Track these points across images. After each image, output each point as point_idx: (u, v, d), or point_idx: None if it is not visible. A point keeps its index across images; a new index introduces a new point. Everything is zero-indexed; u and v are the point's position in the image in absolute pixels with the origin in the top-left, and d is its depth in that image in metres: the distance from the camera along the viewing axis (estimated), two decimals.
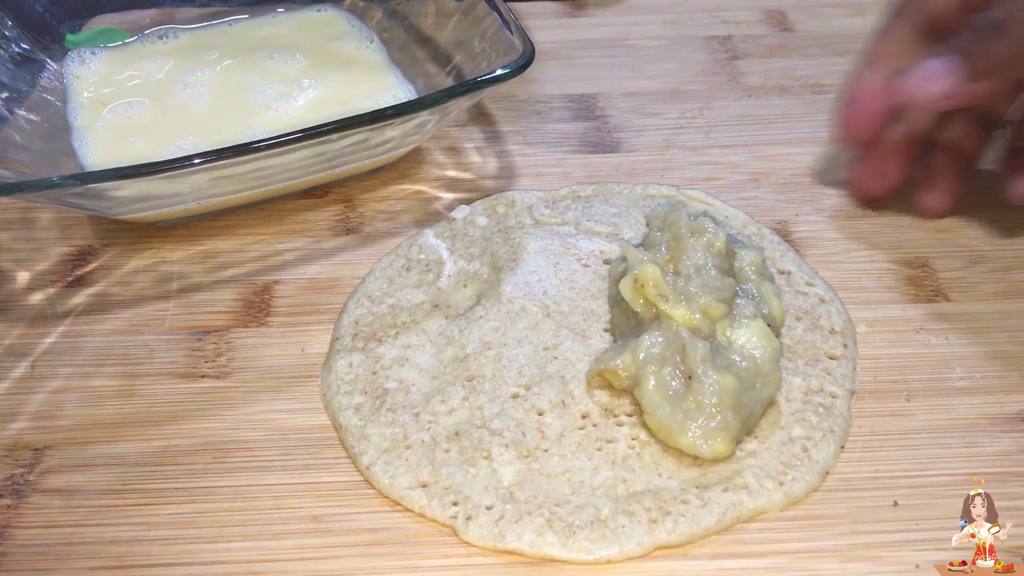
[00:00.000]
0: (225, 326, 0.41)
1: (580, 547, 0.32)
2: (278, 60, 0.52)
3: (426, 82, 0.51)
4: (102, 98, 0.50)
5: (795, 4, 0.61)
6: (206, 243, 0.45)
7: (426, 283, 0.42)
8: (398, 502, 0.34)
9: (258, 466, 0.36)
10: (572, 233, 0.44)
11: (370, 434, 0.36)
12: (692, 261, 0.36)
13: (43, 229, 0.46)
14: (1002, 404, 0.37)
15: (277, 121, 0.48)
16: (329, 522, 0.34)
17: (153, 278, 0.44)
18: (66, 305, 0.42)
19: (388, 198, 0.48)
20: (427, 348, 0.39)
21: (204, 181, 0.41)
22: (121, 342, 0.41)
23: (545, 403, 0.36)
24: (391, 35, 0.54)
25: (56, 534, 0.34)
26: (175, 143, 0.47)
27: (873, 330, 0.40)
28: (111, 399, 0.38)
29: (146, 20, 0.55)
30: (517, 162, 0.50)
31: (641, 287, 0.35)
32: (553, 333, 0.39)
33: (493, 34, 0.46)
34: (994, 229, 0.45)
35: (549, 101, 0.54)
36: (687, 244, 0.36)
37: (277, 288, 0.43)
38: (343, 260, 0.45)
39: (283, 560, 0.33)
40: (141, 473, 0.36)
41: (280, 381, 0.39)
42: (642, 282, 0.35)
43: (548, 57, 0.57)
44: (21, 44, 0.51)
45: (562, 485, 0.34)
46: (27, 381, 0.39)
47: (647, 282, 0.35)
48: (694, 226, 0.37)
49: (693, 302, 0.35)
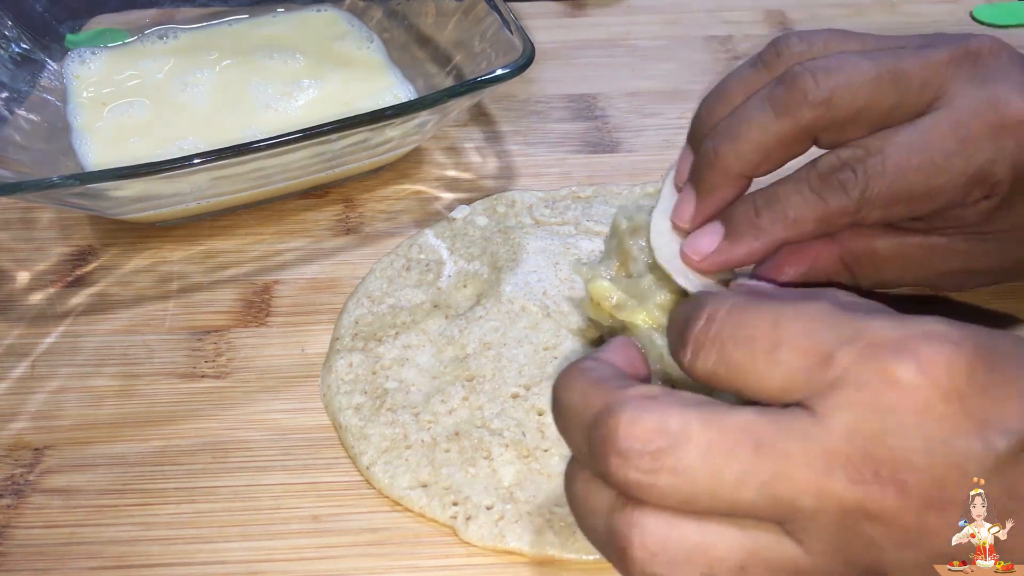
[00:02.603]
0: (225, 326, 0.41)
1: (580, 547, 0.32)
2: (278, 60, 0.52)
3: (426, 82, 0.51)
4: (102, 98, 0.50)
5: (795, 4, 0.61)
6: (206, 243, 0.45)
7: (426, 283, 0.42)
8: (398, 502, 0.34)
9: (258, 466, 0.36)
10: (572, 233, 0.44)
11: (370, 434, 0.36)
12: (638, 261, 0.36)
13: (43, 229, 0.46)
14: None
15: (277, 121, 0.48)
16: (329, 522, 0.34)
17: (153, 278, 0.44)
18: (66, 305, 0.42)
19: (388, 198, 0.48)
20: (427, 348, 0.39)
21: (204, 181, 0.41)
22: (121, 342, 0.41)
23: (545, 403, 0.36)
24: (391, 35, 0.54)
25: (56, 534, 0.34)
26: (175, 143, 0.47)
27: None
28: (111, 399, 0.38)
29: (146, 20, 0.55)
30: (517, 162, 0.50)
31: (598, 304, 0.35)
32: (553, 333, 0.39)
33: (493, 34, 0.46)
34: None
35: (549, 101, 0.54)
36: (628, 245, 0.36)
37: (277, 288, 0.43)
38: (343, 260, 0.45)
39: (283, 560, 0.33)
40: (141, 473, 0.36)
41: (280, 381, 0.39)
42: (596, 300, 0.35)
43: (548, 57, 0.57)
44: (21, 44, 0.51)
45: (562, 485, 0.34)
46: (27, 381, 0.39)
47: (600, 299, 0.35)
48: (632, 225, 0.36)
49: (649, 301, 0.34)
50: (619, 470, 0.23)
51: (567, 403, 0.26)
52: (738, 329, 0.25)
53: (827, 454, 0.23)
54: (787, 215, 0.32)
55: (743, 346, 0.25)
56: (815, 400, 0.23)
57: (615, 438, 0.24)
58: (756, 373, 0.24)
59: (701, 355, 0.25)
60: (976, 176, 0.31)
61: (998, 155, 0.31)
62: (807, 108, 0.31)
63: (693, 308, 0.26)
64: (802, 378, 0.24)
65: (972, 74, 0.32)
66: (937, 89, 0.31)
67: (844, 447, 0.23)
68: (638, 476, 0.23)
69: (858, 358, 0.23)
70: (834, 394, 0.23)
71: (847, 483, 0.23)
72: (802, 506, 0.23)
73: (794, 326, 0.24)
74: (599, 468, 0.24)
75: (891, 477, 0.22)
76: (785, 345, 0.24)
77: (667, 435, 0.23)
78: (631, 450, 0.23)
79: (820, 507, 0.23)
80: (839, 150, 0.32)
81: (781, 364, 0.24)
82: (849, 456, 0.23)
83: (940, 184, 0.31)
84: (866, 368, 0.23)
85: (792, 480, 0.23)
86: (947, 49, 0.32)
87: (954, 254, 0.35)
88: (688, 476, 0.23)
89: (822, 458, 0.23)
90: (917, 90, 0.31)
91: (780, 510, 0.23)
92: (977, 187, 0.32)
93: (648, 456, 0.23)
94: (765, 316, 0.25)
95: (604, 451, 0.24)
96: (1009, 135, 0.31)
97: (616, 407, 0.24)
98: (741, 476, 0.23)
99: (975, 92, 0.31)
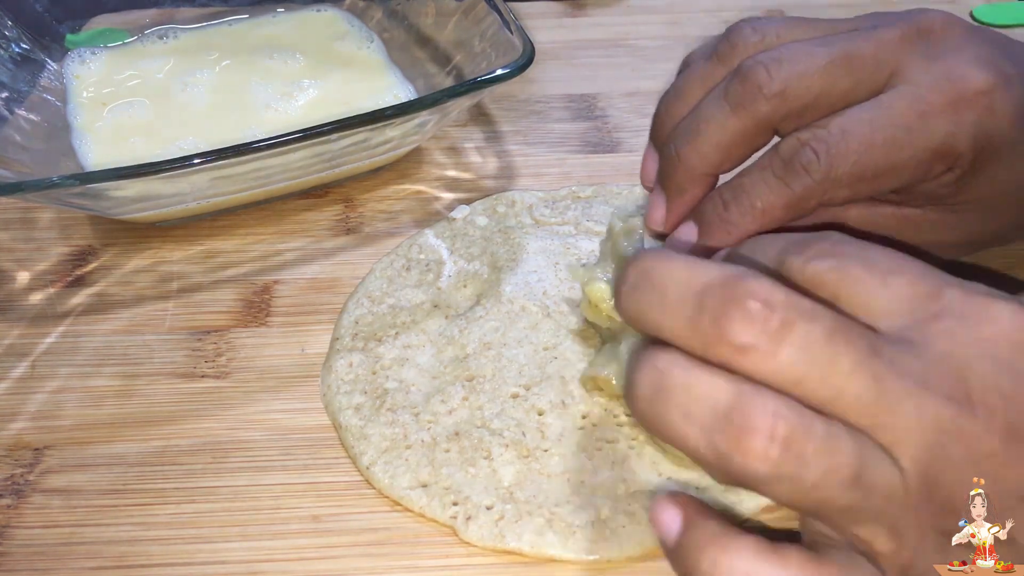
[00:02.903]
0: (225, 326, 0.41)
1: (580, 547, 0.32)
2: (278, 60, 0.52)
3: (426, 82, 0.51)
4: (102, 98, 0.50)
5: (795, 4, 0.61)
6: (206, 243, 0.45)
7: (426, 283, 0.42)
8: (398, 502, 0.34)
9: (258, 466, 0.36)
10: (572, 233, 0.44)
11: (370, 434, 0.36)
12: None
13: (43, 229, 0.46)
14: None
15: (277, 121, 0.48)
16: (329, 522, 0.34)
17: (153, 278, 0.44)
18: (66, 305, 0.42)
19: (388, 198, 0.48)
20: (427, 348, 0.39)
21: (204, 181, 0.41)
22: (121, 342, 0.41)
23: (545, 403, 0.36)
24: (391, 35, 0.54)
25: (56, 534, 0.34)
26: (175, 143, 0.47)
27: None
28: (111, 399, 0.38)
29: (146, 20, 0.55)
30: (517, 162, 0.50)
31: (595, 306, 0.35)
32: (553, 333, 0.39)
33: (493, 34, 0.46)
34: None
35: (549, 101, 0.54)
36: (623, 247, 0.36)
37: (277, 288, 0.43)
38: (343, 260, 0.45)
39: (283, 560, 0.33)
40: (141, 473, 0.36)
41: (280, 381, 0.39)
42: (595, 303, 0.35)
43: (548, 57, 0.57)
44: (21, 44, 0.51)
45: (562, 485, 0.34)
46: (27, 381, 0.39)
47: (598, 301, 0.35)
48: (627, 227, 0.36)
49: None
50: (745, 331, 0.23)
51: (667, 274, 0.24)
52: (862, 250, 0.26)
53: (927, 372, 0.23)
54: (755, 206, 0.32)
55: (864, 264, 0.25)
56: (918, 327, 0.24)
57: (743, 299, 0.23)
58: (868, 287, 0.25)
59: (819, 259, 0.25)
60: (938, 150, 0.31)
61: (958, 128, 0.31)
62: (763, 101, 0.31)
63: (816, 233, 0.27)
64: (908, 305, 0.25)
65: (926, 50, 0.32)
66: (892, 68, 0.32)
67: (942, 368, 0.24)
68: (765, 341, 0.23)
69: (963, 296, 0.25)
70: (937, 323, 0.24)
71: (943, 399, 0.23)
72: (903, 412, 0.23)
73: (911, 264, 0.26)
74: (716, 331, 0.23)
75: (981, 400, 0.23)
76: (901, 274, 0.25)
77: (797, 309, 0.23)
78: (759, 312, 0.23)
79: (918, 420, 0.23)
80: (799, 132, 0.32)
81: (892, 287, 0.25)
82: (946, 376, 0.23)
83: (903, 159, 0.31)
84: (970, 303, 0.24)
85: (894, 392, 0.23)
86: (898, 27, 0.32)
87: (926, 225, 0.35)
88: (809, 355, 0.23)
89: (922, 375, 0.23)
90: (872, 71, 0.32)
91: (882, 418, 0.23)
92: (939, 160, 0.32)
93: (777, 321, 0.23)
94: (885, 251, 0.26)
95: (726, 311, 0.23)
96: (967, 108, 0.31)
97: (743, 274, 0.24)
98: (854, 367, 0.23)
99: (931, 67, 0.31)
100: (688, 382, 0.24)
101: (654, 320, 0.25)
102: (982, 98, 0.31)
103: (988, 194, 0.33)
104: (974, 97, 0.31)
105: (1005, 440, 0.23)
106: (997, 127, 0.31)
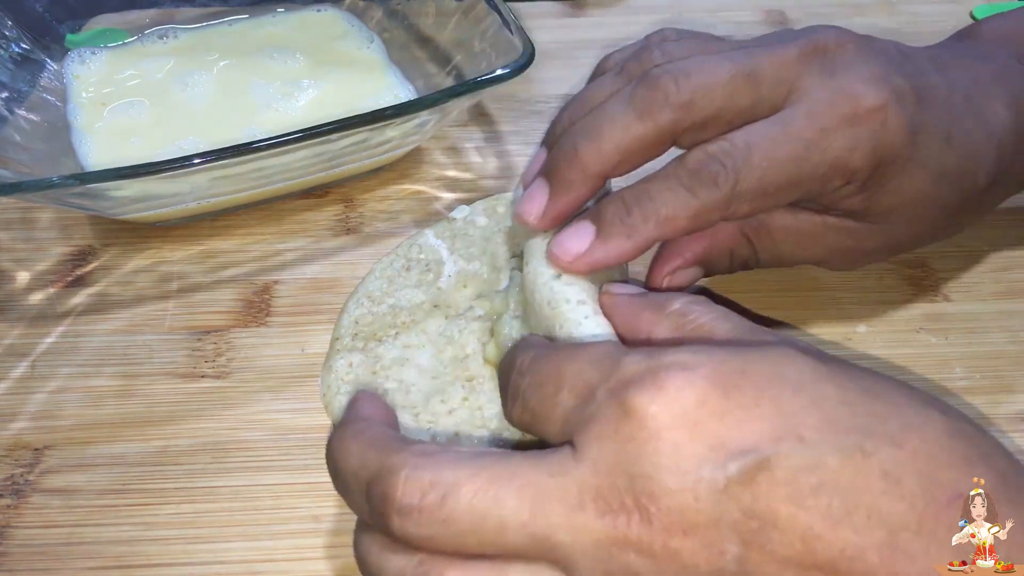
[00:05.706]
0: (225, 326, 0.41)
1: None
2: (278, 60, 0.52)
3: (426, 82, 0.51)
4: (102, 98, 0.50)
5: (795, 4, 0.62)
6: (206, 243, 0.45)
7: (426, 283, 0.42)
8: None
9: (258, 466, 0.36)
10: None
11: None
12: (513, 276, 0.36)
13: (43, 229, 0.46)
14: (1002, 404, 0.37)
15: (277, 121, 0.48)
16: (329, 522, 0.34)
17: (153, 278, 0.44)
18: (66, 305, 0.42)
19: (388, 198, 0.48)
20: (427, 348, 0.39)
21: (204, 181, 0.41)
22: (121, 342, 0.41)
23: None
24: (391, 35, 0.54)
25: (56, 534, 0.34)
26: (175, 143, 0.47)
27: (873, 330, 0.40)
28: (111, 399, 0.38)
29: (146, 20, 0.55)
30: (517, 162, 0.50)
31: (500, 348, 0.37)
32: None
33: (493, 34, 0.46)
34: (993, 229, 0.45)
35: (549, 101, 0.54)
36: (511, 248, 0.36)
37: (277, 288, 0.43)
38: (343, 260, 0.45)
39: (283, 560, 0.33)
40: (141, 473, 0.36)
41: (280, 381, 0.39)
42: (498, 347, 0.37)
43: (548, 57, 0.57)
44: (21, 44, 0.51)
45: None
46: (27, 381, 0.39)
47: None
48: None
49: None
50: (400, 527, 0.24)
51: (344, 468, 0.27)
52: (534, 376, 0.26)
53: (580, 488, 0.24)
54: (659, 213, 0.31)
55: (537, 392, 0.26)
56: (577, 436, 0.25)
57: (394, 496, 0.24)
58: (546, 417, 0.26)
59: (515, 407, 0.27)
60: (834, 164, 0.31)
61: (855, 143, 0.31)
62: (668, 110, 0.31)
63: (507, 361, 0.28)
64: (573, 417, 0.25)
65: (822, 67, 0.32)
66: (791, 85, 0.32)
67: (593, 479, 0.24)
68: (417, 530, 0.24)
69: (607, 393, 0.25)
70: (587, 429, 0.24)
71: (596, 514, 0.23)
72: (559, 542, 0.23)
73: (571, 368, 0.26)
74: (382, 527, 0.25)
75: (635, 505, 0.23)
76: (564, 387, 0.26)
77: (440, 487, 0.24)
78: (410, 506, 0.24)
79: (576, 541, 0.23)
80: (706, 145, 0.31)
81: (559, 405, 0.26)
82: (598, 487, 0.24)
83: (803, 174, 0.31)
84: (610, 402, 0.24)
85: (547, 517, 0.23)
86: (796, 45, 0.32)
87: (844, 232, 0.35)
88: (456, 525, 0.24)
89: (575, 492, 0.24)
90: (771, 87, 0.32)
91: (543, 549, 0.24)
92: (837, 175, 0.32)
93: (424, 510, 0.24)
94: (553, 362, 0.26)
95: (385, 510, 0.25)
96: (862, 124, 0.31)
97: (394, 466, 0.25)
98: (503, 519, 0.24)
99: (827, 84, 0.32)
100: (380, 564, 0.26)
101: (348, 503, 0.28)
102: (876, 114, 0.31)
103: (898, 204, 0.34)
104: (867, 114, 0.31)
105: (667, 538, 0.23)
106: (891, 142, 0.32)
